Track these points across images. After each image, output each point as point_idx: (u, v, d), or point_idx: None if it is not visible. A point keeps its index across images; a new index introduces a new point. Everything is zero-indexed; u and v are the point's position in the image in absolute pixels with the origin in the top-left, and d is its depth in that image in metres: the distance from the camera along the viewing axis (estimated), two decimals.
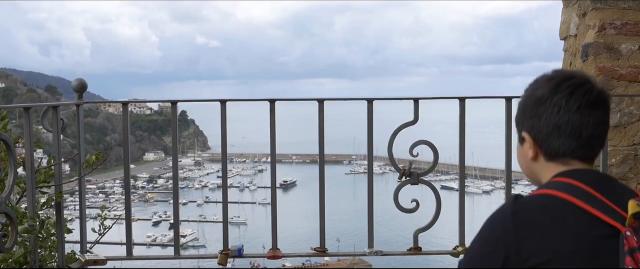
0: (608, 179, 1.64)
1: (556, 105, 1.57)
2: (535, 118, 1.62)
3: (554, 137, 1.60)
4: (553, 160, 1.63)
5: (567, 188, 1.54)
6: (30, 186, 2.90)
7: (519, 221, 1.51)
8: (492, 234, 1.56)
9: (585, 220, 1.49)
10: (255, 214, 67.56)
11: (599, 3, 3.85)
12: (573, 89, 1.57)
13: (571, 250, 1.49)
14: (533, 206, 1.54)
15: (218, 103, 3.43)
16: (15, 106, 3.02)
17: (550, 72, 1.65)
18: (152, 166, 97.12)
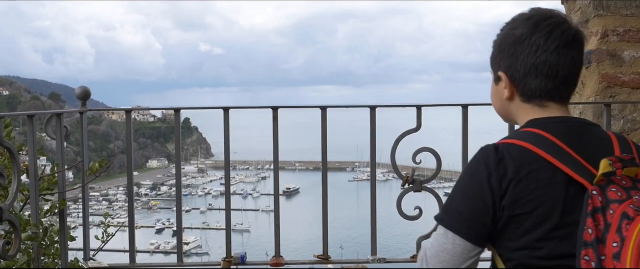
0: (580, 129, 1.61)
1: (534, 44, 1.58)
2: (513, 57, 1.61)
3: (531, 77, 1.60)
4: (529, 101, 1.64)
5: (541, 141, 1.54)
6: (34, 193, 2.90)
7: (501, 160, 1.52)
8: (476, 169, 1.56)
9: (558, 177, 1.50)
10: (258, 222, 67.46)
11: (601, 10, 3.85)
12: (552, 28, 1.57)
13: (549, 206, 1.50)
14: (512, 155, 1.53)
15: (221, 110, 3.44)
16: (19, 113, 3.02)
17: (528, 11, 1.64)
18: (155, 173, 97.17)
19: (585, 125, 1.64)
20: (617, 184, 1.47)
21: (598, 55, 3.86)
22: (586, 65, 3.94)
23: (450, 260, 1.57)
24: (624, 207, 1.42)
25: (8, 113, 2.84)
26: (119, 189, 79.95)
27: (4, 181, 2.54)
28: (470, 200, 1.56)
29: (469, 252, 1.57)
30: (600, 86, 3.85)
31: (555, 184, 1.51)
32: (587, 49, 3.93)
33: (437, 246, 1.59)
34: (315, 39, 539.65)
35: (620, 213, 1.41)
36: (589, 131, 1.62)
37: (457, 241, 1.56)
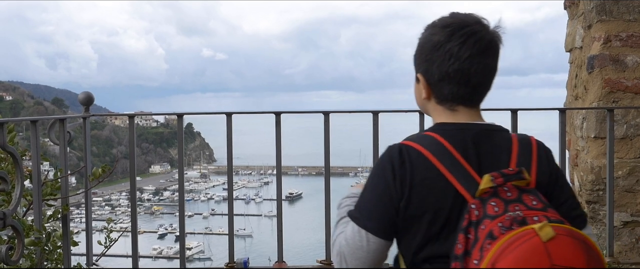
0: (480, 138, 1.65)
1: (448, 52, 1.62)
2: (429, 62, 1.67)
3: (444, 83, 1.66)
4: (441, 103, 1.71)
5: (438, 150, 1.60)
6: (37, 198, 2.90)
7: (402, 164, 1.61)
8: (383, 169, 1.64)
9: (449, 187, 1.57)
10: (261, 227, 67.37)
11: (604, 15, 3.85)
12: (466, 37, 1.62)
13: (435, 213, 1.58)
14: (412, 159, 1.60)
15: (224, 116, 3.44)
16: (23, 119, 3.03)
17: (448, 17, 1.69)
18: (158, 178, 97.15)
19: (488, 132, 1.67)
20: (500, 197, 1.51)
21: (601, 60, 3.85)
22: (589, 71, 3.93)
23: (366, 257, 1.65)
24: (493, 225, 1.44)
25: (12, 118, 2.84)
26: (121, 195, 79.94)
27: (7, 186, 2.54)
28: (379, 199, 1.63)
29: (383, 248, 1.65)
30: (603, 91, 3.85)
31: (445, 193, 1.58)
32: (590, 54, 3.93)
33: (353, 245, 1.65)
34: (318, 45, 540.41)
35: (488, 230, 1.44)
36: (491, 139, 1.66)
37: (371, 239, 1.63)
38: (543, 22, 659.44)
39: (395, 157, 1.62)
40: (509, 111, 3.35)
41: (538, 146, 1.70)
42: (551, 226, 1.39)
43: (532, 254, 1.36)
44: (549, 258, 1.35)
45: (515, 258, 1.36)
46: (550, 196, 1.63)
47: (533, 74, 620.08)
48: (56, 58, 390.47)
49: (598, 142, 3.89)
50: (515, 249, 1.37)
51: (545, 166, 1.66)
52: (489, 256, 1.39)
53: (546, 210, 1.51)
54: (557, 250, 1.36)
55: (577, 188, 4.33)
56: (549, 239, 1.37)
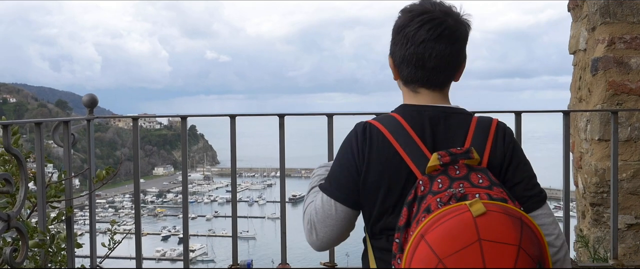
0: (437, 119, 1.73)
1: (405, 36, 1.73)
2: (394, 45, 1.79)
3: (403, 65, 1.77)
4: (406, 85, 1.81)
5: (396, 129, 1.71)
6: (41, 200, 2.91)
7: (364, 141, 1.73)
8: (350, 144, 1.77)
9: (403, 164, 1.67)
10: (264, 229, 67.35)
11: (608, 17, 3.85)
12: (422, 23, 1.70)
13: (389, 188, 1.68)
14: (373, 137, 1.72)
15: (227, 118, 3.44)
16: (27, 121, 3.03)
17: (417, 3, 1.77)
18: (161, 180, 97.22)
19: (446, 114, 1.74)
20: (447, 175, 1.60)
21: (605, 62, 3.85)
22: (593, 73, 3.93)
23: (335, 225, 1.78)
24: (433, 200, 1.53)
25: (16, 121, 2.84)
26: (125, 197, 80.00)
27: (11, 189, 2.54)
28: (345, 171, 1.75)
29: (350, 217, 1.78)
30: (607, 94, 3.84)
31: (399, 170, 1.67)
32: (594, 57, 3.92)
33: (322, 213, 1.78)
34: (321, 47, 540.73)
35: (427, 205, 1.53)
36: (448, 120, 1.74)
37: (339, 208, 1.76)
38: (546, 24, 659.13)
39: (359, 133, 1.74)
40: (513, 113, 3.34)
41: (497, 127, 1.74)
42: (483, 203, 1.45)
43: (460, 227, 1.42)
44: (477, 232, 1.40)
45: (443, 230, 1.43)
46: (504, 176, 1.69)
47: (536, 76, 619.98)
48: (60, 60, 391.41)
49: (602, 144, 3.89)
50: (444, 222, 1.44)
51: (500, 146, 1.71)
52: (420, 227, 1.47)
53: (491, 188, 1.57)
54: (486, 225, 1.41)
55: (580, 190, 4.32)
56: (480, 214, 1.42)
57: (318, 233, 1.80)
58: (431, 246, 1.41)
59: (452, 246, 1.40)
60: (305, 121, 71.48)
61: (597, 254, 3.91)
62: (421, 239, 1.44)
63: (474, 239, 1.39)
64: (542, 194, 1.72)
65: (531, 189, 1.70)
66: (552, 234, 1.66)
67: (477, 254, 1.39)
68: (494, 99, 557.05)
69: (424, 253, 1.42)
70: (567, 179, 3.41)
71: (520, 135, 3.32)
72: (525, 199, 1.67)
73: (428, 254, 1.41)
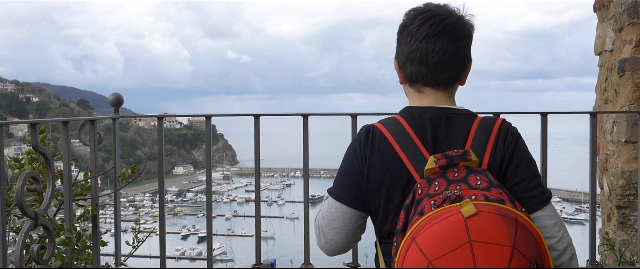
0: (439, 122, 1.73)
1: (409, 34, 1.75)
2: (398, 46, 1.81)
3: (409, 63, 1.78)
4: (412, 86, 1.82)
5: (398, 132, 1.72)
6: (68, 199, 2.93)
7: (367, 144, 1.74)
8: (354, 147, 1.78)
9: (403, 169, 1.68)
10: (283, 229, 67.46)
11: (636, 18, 3.80)
12: (424, 20, 1.73)
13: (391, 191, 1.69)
14: (376, 140, 1.73)
15: (247, 118, 3.45)
16: (54, 120, 3.06)
17: (421, 5, 1.80)
18: (181, 180, 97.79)
19: (448, 116, 1.74)
20: (446, 178, 1.60)
21: (633, 64, 3.80)
22: (620, 74, 3.88)
23: (342, 227, 1.79)
24: (427, 203, 1.54)
25: (44, 120, 2.87)
26: (145, 196, 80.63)
27: (39, 187, 2.57)
28: (350, 174, 1.77)
29: (356, 219, 1.79)
30: (634, 95, 3.79)
31: (400, 173, 1.68)
32: (621, 58, 3.87)
33: (328, 216, 1.80)
34: (342, 48, 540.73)
35: (421, 208, 1.55)
36: (450, 122, 1.73)
37: (345, 210, 1.77)
38: (569, 25, 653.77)
39: (363, 136, 1.77)
40: (539, 114, 3.31)
41: (500, 127, 1.72)
42: (475, 204, 1.45)
43: (450, 229, 1.42)
44: (468, 233, 1.39)
45: (434, 232, 1.43)
46: (504, 177, 1.67)
47: (559, 77, 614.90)
48: (83, 60, 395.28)
49: (629, 146, 3.84)
50: (435, 224, 1.44)
51: (501, 147, 1.68)
52: (411, 230, 1.49)
53: (489, 190, 1.55)
54: (477, 227, 1.40)
55: (606, 193, 4.27)
56: (471, 216, 1.42)
57: (326, 237, 1.82)
58: (421, 249, 1.42)
59: (442, 248, 1.39)
60: (325, 121, 71.31)
61: (623, 258, 3.86)
62: (412, 241, 1.45)
63: (465, 240, 1.38)
64: (546, 195, 1.68)
65: (532, 190, 1.67)
66: (554, 237, 1.62)
67: (467, 255, 1.37)
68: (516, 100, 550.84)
69: (415, 255, 1.43)
70: (594, 182, 3.37)
71: (546, 137, 3.29)
72: (526, 200, 1.64)
73: (418, 257, 1.41)
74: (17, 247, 2.47)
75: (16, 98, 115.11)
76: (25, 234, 2.50)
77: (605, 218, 4.43)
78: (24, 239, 2.50)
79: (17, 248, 2.48)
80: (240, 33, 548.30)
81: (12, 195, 2.74)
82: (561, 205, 67.18)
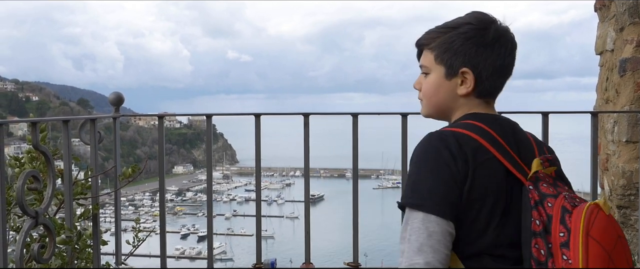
0: (511, 127, 1.76)
1: (503, 47, 1.74)
2: (480, 57, 1.73)
3: (495, 77, 1.75)
4: (480, 97, 1.77)
5: (485, 134, 1.66)
6: (68, 197, 2.93)
7: (461, 147, 1.61)
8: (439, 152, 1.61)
9: (501, 170, 1.64)
10: (283, 228, 67.48)
11: (637, 17, 3.80)
12: (504, 33, 1.76)
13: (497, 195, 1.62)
14: (468, 143, 1.63)
15: (246, 117, 3.45)
16: (55, 118, 3.06)
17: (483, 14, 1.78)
18: (181, 179, 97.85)
19: (513, 124, 1.79)
20: (544, 181, 1.64)
21: (634, 63, 3.80)
22: (621, 74, 3.88)
23: (438, 243, 1.54)
24: (561, 201, 1.58)
25: (44, 118, 2.87)
26: (145, 195, 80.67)
27: (39, 186, 2.57)
28: (444, 182, 1.59)
29: (451, 233, 1.57)
30: (635, 95, 3.79)
31: (499, 175, 1.63)
32: (622, 57, 3.87)
33: (420, 234, 1.55)
34: (342, 47, 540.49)
35: (560, 206, 1.57)
36: (517, 130, 1.77)
37: (441, 223, 1.56)
38: (570, 25, 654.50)
39: (451, 141, 1.62)
40: (540, 114, 3.31)
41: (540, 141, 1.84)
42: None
43: (607, 225, 1.54)
44: (615, 229, 1.56)
45: (600, 227, 1.52)
46: None
47: (559, 77, 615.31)
48: (83, 59, 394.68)
49: (630, 146, 3.84)
50: (596, 221, 1.52)
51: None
52: (581, 226, 1.51)
53: (572, 191, 1.70)
54: (614, 223, 1.57)
55: (606, 193, 4.27)
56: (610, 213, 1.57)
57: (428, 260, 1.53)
58: (600, 243, 1.50)
59: (610, 240, 1.52)
60: (324, 120, 71.49)
61: None
62: (588, 237, 1.50)
63: (616, 235, 1.55)
64: None
65: None
66: None
67: (622, 248, 1.54)
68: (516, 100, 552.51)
69: (596, 249, 1.49)
70: (594, 182, 3.37)
71: (546, 136, 3.29)
72: None
73: (598, 250, 1.50)
74: (18, 246, 2.47)
75: (16, 97, 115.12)
76: (26, 233, 2.50)
77: None
78: (24, 238, 2.50)
79: (17, 247, 2.47)
80: (240, 32, 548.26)
81: (12, 194, 2.74)
82: None
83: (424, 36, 1.83)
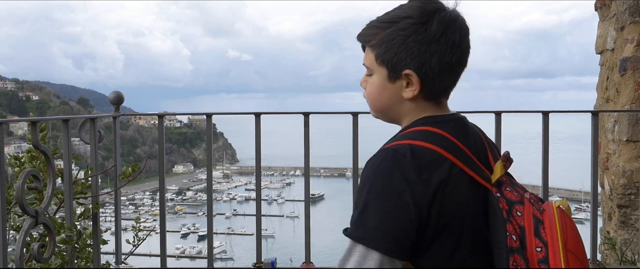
0: (466, 126, 1.54)
1: (449, 41, 1.47)
2: (425, 56, 1.46)
3: (444, 75, 1.49)
4: (430, 98, 1.52)
5: (444, 143, 1.44)
6: (68, 197, 2.93)
7: (421, 166, 1.38)
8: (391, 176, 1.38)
9: (467, 179, 1.42)
10: (283, 227, 67.44)
11: (638, 17, 3.79)
12: (452, 21, 1.48)
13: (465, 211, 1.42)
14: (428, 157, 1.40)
15: (247, 116, 3.44)
16: (55, 118, 3.06)
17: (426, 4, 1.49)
18: (181, 178, 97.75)
19: (466, 121, 1.56)
20: (506, 184, 1.47)
21: (634, 62, 3.80)
22: (621, 73, 3.87)
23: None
24: (529, 209, 1.41)
25: (44, 117, 2.87)
26: (145, 194, 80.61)
27: (39, 185, 2.57)
28: (392, 213, 1.36)
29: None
30: (636, 94, 3.79)
31: (465, 187, 1.42)
32: (623, 57, 3.87)
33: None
34: (342, 46, 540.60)
35: (530, 215, 1.40)
36: (470, 127, 1.56)
37: (385, 263, 1.34)
38: (570, 24, 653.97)
39: (406, 161, 1.38)
40: (540, 113, 3.31)
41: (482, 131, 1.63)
42: None
43: (576, 232, 1.41)
44: (578, 232, 1.41)
45: (573, 237, 1.39)
46: None
47: (559, 76, 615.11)
48: (83, 58, 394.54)
49: (630, 145, 3.83)
50: (568, 230, 1.39)
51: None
52: (560, 241, 1.37)
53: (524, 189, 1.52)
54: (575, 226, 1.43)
55: (607, 192, 4.26)
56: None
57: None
58: (575, 254, 1.38)
59: (582, 248, 1.40)
60: (324, 120, 71.47)
61: (624, 257, 3.85)
62: (567, 252, 1.36)
63: (581, 237, 1.42)
64: None
65: None
66: None
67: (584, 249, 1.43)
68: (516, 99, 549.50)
69: (574, 263, 1.36)
70: (595, 181, 3.36)
71: (547, 135, 3.28)
72: None
73: (577, 264, 1.37)
74: (18, 245, 2.47)
75: (16, 96, 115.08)
76: (26, 232, 2.50)
77: (605, 216, 4.42)
78: (24, 237, 2.49)
79: (17, 246, 2.47)
80: (241, 31, 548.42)
81: (12, 193, 2.74)
82: None
83: (364, 31, 1.58)
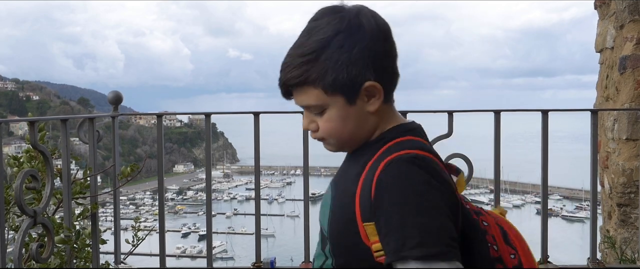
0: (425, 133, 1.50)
1: (392, 42, 1.46)
2: (377, 56, 1.41)
3: (396, 78, 1.46)
4: (388, 100, 1.46)
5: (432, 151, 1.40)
6: (67, 197, 2.93)
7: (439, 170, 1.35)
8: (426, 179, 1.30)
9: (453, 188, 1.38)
10: (284, 227, 67.45)
11: (637, 15, 3.79)
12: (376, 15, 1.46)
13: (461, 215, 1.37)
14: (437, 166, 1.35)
15: (247, 115, 3.44)
16: (53, 118, 3.06)
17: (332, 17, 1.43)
18: (181, 178, 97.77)
19: None
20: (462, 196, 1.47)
21: (634, 61, 3.79)
22: (621, 72, 3.87)
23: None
24: (491, 217, 1.46)
25: (42, 117, 2.87)
26: (145, 194, 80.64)
27: (38, 185, 2.56)
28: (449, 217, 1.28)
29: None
30: (635, 93, 3.78)
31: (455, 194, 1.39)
32: (622, 55, 3.86)
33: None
34: None
35: (495, 224, 1.43)
36: None
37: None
38: (570, 23, 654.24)
39: (434, 166, 1.33)
40: (540, 111, 3.30)
41: None
42: None
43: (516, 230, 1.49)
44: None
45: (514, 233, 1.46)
46: None
47: (559, 75, 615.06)
48: (83, 58, 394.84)
49: (630, 144, 3.83)
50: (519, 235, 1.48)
51: None
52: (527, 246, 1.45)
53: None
54: None
55: (607, 190, 4.26)
56: None
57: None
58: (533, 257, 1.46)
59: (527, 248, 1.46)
60: None
61: (624, 256, 3.85)
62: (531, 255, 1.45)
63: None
64: None
65: None
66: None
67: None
68: (516, 98, 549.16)
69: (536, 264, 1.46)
70: (595, 179, 3.36)
71: (546, 134, 3.27)
72: None
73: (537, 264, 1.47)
74: (16, 245, 2.47)
75: (16, 96, 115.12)
76: (24, 232, 2.50)
77: (605, 215, 4.42)
78: (23, 237, 2.49)
79: (15, 246, 2.47)
80: (241, 31, 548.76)
81: (11, 193, 2.73)
82: (561, 203, 67.29)
83: (290, 74, 1.45)
